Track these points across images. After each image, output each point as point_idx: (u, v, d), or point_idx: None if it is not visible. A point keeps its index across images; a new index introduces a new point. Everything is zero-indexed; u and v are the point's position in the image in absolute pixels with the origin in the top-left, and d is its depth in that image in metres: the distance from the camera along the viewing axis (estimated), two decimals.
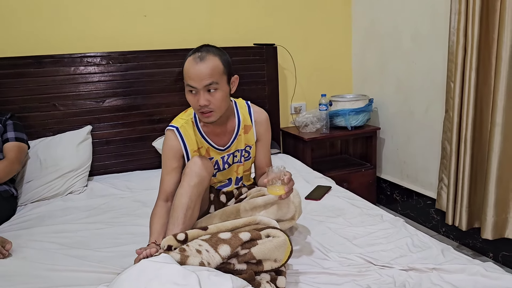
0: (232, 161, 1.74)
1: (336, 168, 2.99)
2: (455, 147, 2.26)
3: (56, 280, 1.41)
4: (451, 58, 2.26)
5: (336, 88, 3.26)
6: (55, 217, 1.99)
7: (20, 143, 2.19)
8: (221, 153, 1.70)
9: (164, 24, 2.74)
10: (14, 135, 2.18)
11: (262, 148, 1.78)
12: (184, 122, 1.67)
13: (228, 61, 1.56)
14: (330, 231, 1.70)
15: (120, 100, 2.60)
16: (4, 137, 2.17)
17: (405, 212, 2.89)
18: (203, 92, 1.49)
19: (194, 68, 1.47)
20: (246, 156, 1.76)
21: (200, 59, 1.47)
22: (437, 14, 2.47)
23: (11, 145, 2.15)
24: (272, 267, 1.26)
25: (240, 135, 1.71)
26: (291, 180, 1.47)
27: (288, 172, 1.47)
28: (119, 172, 2.63)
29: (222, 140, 1.70)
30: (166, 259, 1.07)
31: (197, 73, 1.46)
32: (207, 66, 1.47)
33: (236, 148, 1.72)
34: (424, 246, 1.53)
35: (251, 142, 1.74)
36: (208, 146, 1.68)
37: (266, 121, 1.77)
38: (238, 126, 1.71)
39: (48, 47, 2.51)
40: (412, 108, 2.76)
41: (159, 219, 1.55)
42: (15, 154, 2.13)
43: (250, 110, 1.75)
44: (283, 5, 3.01)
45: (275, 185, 1.44)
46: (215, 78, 1.48)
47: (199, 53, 1.49)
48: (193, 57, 1.49)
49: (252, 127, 1.74)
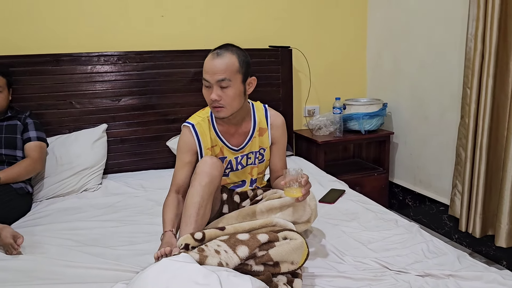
0: (246, 163, 1.75)
1: (349, 172, 2.98)
2: (470, 153, 2.25)
3: (73, 277, 1.42)
4: (467, 64, 2.24)
5: (350, 92, 3.26)
6: (70, 214, 2.01)
7: (41, 142, 2.23)
8: (235, 154, 1.71)
9: (181, 25, 2.76)
10: (35, 135, 2.22)
11: (277, 151, 1.79)
12: (200, 120, 1.69)
13: (247, 61, 1.58)
14: (344, 234, 1.70)
15: (135, 99, 2.62)
16: (26, 136, 2.20)
17: (417, 218, 2.87)
18: (216, 87, 1.53)
19: (210, 62, 1.52)
20: (260, 158, 1.77)
21: (217, 55, 1.52)
22: (454, 19, 2.46)
23: (33, 145, 2.19)
24: (289, 269, 1.27)
25: (255, 137, 1.72)
26: (308, 183, 1.48)
27: (305, 175, 1.47)
28: (133, 171, 2.65)
29: (236, 141, 1.71)
30: (186, 258, 1.08)
31: (212, 67, 1.51)
32: (222, 62, 1.50)
33: (250, 150, 1.73)
34: (439, 252, 1.53)
35: (265, 145, 1.75)
36: (222, 145, 1.69)
37: (282, 125, 1.78)
38: (254, 128, 1.72)
39: (66, 46, 2.54)
40: (427, 113, 2.75)
41: (172, 209, 1.58)
42: (38, 155, 2.18)
43: (267, 113, 1.76)
44: (299, 8, 3.01)
45: (292, 187, 1.45)
46: (227, 75, 1.51)
47: (219, 49, 1.54)
48: (212, 53, 1.54)
49: (267, 130, 1.75)
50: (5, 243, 1.56)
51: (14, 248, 1.54)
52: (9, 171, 2.04)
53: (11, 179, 2.03)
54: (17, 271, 1.46)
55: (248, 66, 1.58)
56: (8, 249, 1.55)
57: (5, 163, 2.09)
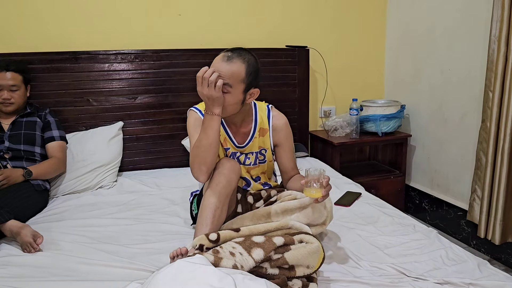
0: (244, 162, 1.74)
1: (364, 174, 2.94)
2: (491, 158, 2.20)
3: (87, 274, 1.43)
4: (490, 67, 2.19)
5: (367, 93, 3.21)
6: (86, 211, 2.02)
7: (64, 142, 2.27)
8: (235, 149, 1.71)
9: (198, 24, 2.76)
10: (58, 134, 2.25)
11: (284, 153, 1.77)
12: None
13: (255, 72, 1.54)
14: (360, 238, 1.67)
15: (151, 97, 2.63)
16: (48, 135, 2.23)
17: (434, 222, 2.82)
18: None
19: (218, 63, 1.49)
20: (261, 159, 1.76)
21: (227, 59, 1.48)
22: (476, 21, 2.40)
23: (57, 145, 2.22)
24: (305, 273, 1.25)
25: (255, 138, 1.71)
26: (329, 184, 1.45)
27: (327, 176, 1.44)
28: (148, 169, 2.66)
29: (237, 138, 1.71)
30: (201, 260, 1.07)
31: (218, 68, 1.47)
32: (229, 68, 1.47)
33: (250, 150, 1.72)
34: (459, 259, 1.49)
35: (266, 145, 1.74)
36: (226, 135, 1.69)
37: (285, 126, 1.76)
38: (254, 128, 1.71)
39: (84, 44, 2.56)
40: (446, 116, 2.70)
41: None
42: (63, 155, 2.24)
43: (270, 114, 1.74)
44: (316, 7, 2.98)
45: (312, 187, 1.41)
46: (230, 81, 1.48)
47: (230, 53, 1.51)
48: (224, 54, 1.51)
49: (268, 131, 1.73)
50: (25, 241, 1.58)
51: (33, 247, 1.56)
52: (39, 168, 2.10)
53: (41, 176, 2.09)
54: (32, 267, 1.47)
55: (255, 77, 1.54)
56: (27, 247, 1.57)
57: (23, 158, 2.12)
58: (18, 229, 1.61)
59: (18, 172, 2.00)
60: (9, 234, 1.65)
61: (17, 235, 1.61)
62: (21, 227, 1.62)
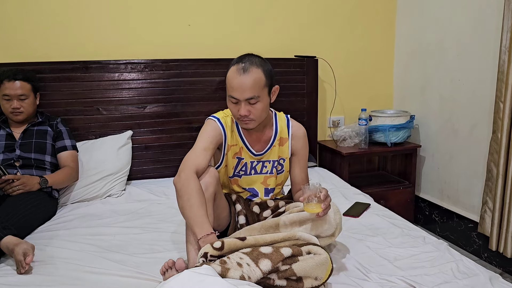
0: (261, 170, 1.73)
1: (373, 185, 2.92)
2: (502, 169, 2.17)
3: (94, 283, 1.43)
4: (501, 78, 2.17)
5: (376, 103, 3.20)
6: (94, 220, 2.03)
7: (75, 151, 2.29)
8: (252, 158, 1.70)
9: (207, 34, 2.78)
10: (70, 143, 2.28)
11: (298, 163, 1.76)
12: (224, 116, 1.69)
13: (270, 71, 1.56)
14: (369, 250, 1.65)
15: (160, 107, 2.64)
16: (60, 144, 2.25)
17: (445, 234, 2.78)
18: (245, 104, 1.51)
19: (237, 79, 1.48)
20: (279, 169, 1.75)
21: (244, 71, 1.48)
22: (486, 31, 2.39)
23: (69, 154, 2.25)
24: (312, 285, 1.24)
25: (274, 146, 1.71)
26: (328, 197, 1.44)
27: (324, 189, 1.44)
28: (156, 177, 2.66)
29: (256, 147, 1.70)
30: (208, 271, 1.06)
31: (240, 85, 1.48)
32: (250, 79, 1.47)
33: (268, 158, 1.72)
34: (470, 273, 1.46)
35: (285, 155, 1.73)
36: (242, 145, 1.68)
37: (304, 137, 1.76)
38: (275, 136, 1.71)
39: (94, 53, 2.59)
40: (456, 126, 2.67)
41: (204, 201, 1.43)
42: (76, 164, 2.26)
43: (289, 123, 1.75)
44: (325, 18, 2.99)
45: (312, 202, 1.42)
46: (256, 92, 1.49)
47: (243, 64, 1.50)
48: (237, 67, 1.50)
49: (288, 140, 1.73)
50: (16, 260, 1.50)
51: (23, 266, 1.47)
52: (55, 177, 2.12)
53: (56, 184, 2.13)
54: (40, 275, 1.47)
55: (272, 76, 1.57)
56: (18, 266, 1.49)
57: (33, 167, 2.13)
58: (13, 246, 1.53)
59: (35, 180, 2.01)
60: (6, 251, 1.57)
61: (12, 252, 1.53)
62: (15, 244, 1.53)
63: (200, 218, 1.37)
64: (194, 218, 1.38)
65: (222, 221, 1.66)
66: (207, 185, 1.50)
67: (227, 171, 1.72)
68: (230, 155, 1.69)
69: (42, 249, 1.66)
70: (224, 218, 1.66)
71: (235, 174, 1.72)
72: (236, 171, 1.71)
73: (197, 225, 1.36)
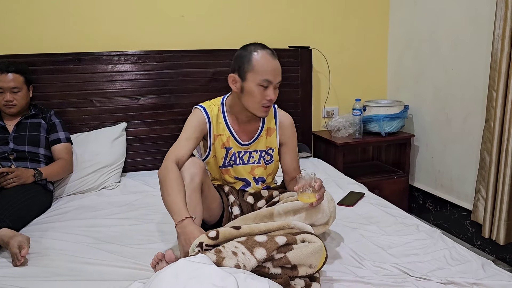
0: (248, 161, 1.73)
1: (368, 174, 2.94)
2: (495, 158, 2.19)
3: (91, 274, 1.44)
4: (494, 66, 2.18)
5: (370, 93, 3.21)
6: (89, 211, 2.03)
7: (69, 143, 2.28)
8: (239, 148, 1.71)
9: (201, 25, 2.76)
10: (64, 136, 2.27)
11: (288, 152, 1.77)
12: (211, 105, 1.70)
13: None
14: (363, 238, 1.67)
15: (154, 98, 2.63)
16: (54, 137, 2.24)
17: (438, 223, 2.81)
18: (273, 88, 1.55)
19: (272, 63, 1.53)
20: (268, 159, 1.76)
21: (275, 56, 1.55)
22: (480, 20, 2.40)
23: (64, 147, 2.24)
24: (307, 272, 1.25)
25: (261, 136, 1.72)
26: (322, 187, 1.45)
27: (318, 179, 1.45)
28: (151, 169, 2.66)
29: (243, 136, 1.71)
30: (203, 259, 1.07)
31: (274, 68, 1.54)
32: (279, 64, 1.56)
33: (255, 148, 1.72)
34: (463, 259, 1.48)
35: (273, 145, 1.74)
36: (229, 135, 1.69)
37: (291, 126, 1.77)
38: (262, 127, 1.72)
39: (87, 45, 2.57)
40: (450, 116, 2.69)
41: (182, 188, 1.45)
42: (70, 157, 2.25)
43: (276, 113, 1.75)
44: (319, 8, 2.98)
45: (306, 192, 1.43)
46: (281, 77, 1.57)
47: (270, 49, 1.55)
48: (267, 52, 1.54)
49: (275, 130, 1.73)
50: (12, 253, 1.50)
51: (18, 259, 1.47)
52: (49, 169, 2.12)
53: (50, 177, 2.12)
54: (36, 267, 1.48)
55: None
56: (14, 259, 1.49)
57: (27, 159, 2.13)
58: (8, 239, 1.53)
59: (29, 173, 2.01)
60: (1, 243, 1.57)
61: (7, 245, 1.53)
62: (10, 237, 1.53)
63: (177, 206, 1.39)
64: (171, 205, 1.41)
65: (213, 212, 1.67)
66: (192, 175, 1.50)
67: (217, 161, 1.72)
68: (217, 145, 1.69)
69: (38, 241, 1.66)
70: (215, 209, 1.67)
71: (225, 164, 1.73)
72: (227, 162, 1.72)
73: (174, 212, 1.39)
